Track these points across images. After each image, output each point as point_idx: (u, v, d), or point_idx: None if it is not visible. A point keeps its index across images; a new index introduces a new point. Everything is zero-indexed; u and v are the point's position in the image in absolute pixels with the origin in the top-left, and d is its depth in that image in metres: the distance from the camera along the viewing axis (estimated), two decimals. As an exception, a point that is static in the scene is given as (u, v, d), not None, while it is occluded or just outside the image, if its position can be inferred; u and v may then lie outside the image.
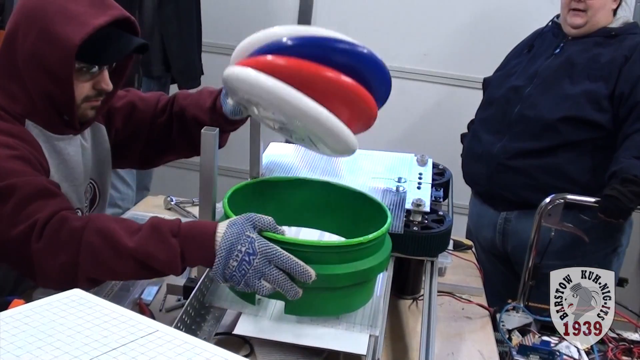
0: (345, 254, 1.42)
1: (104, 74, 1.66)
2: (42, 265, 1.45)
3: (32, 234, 1.44)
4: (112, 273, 1.45)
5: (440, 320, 1.84)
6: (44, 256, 1.44)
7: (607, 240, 2.57)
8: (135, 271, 1.42)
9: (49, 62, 1.57)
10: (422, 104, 3.82)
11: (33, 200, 1.47)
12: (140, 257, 1.39)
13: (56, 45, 1.56)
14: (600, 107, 2.47)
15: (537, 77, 2.60)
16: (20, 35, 1.60)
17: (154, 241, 1.40)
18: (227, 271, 1.36)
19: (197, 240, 1.40)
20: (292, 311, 1.44)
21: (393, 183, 1.93)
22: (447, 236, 1.83)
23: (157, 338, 0.91)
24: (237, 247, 1.36)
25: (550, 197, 2.07)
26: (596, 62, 2.51)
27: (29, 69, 1.60)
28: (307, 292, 1.39)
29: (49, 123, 1.66)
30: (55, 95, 1.61)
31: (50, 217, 1.45)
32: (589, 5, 2.54)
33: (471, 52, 3.69)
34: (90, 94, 1.66)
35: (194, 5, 3.18)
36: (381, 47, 3.79)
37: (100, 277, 1.47)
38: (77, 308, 0.97)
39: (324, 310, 1.46)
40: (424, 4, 3.72)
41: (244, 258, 1.35)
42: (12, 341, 0.87)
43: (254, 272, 1.35)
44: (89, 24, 1.57)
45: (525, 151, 2.56)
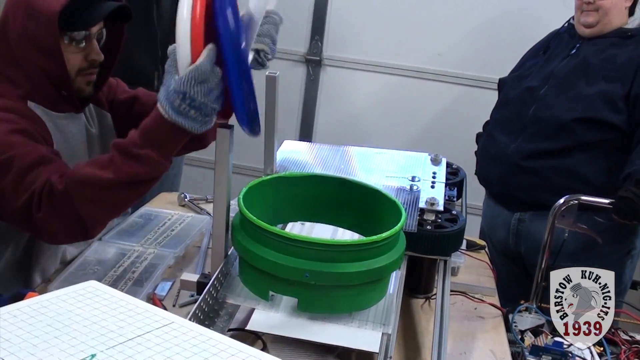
0: (358, 252, 1.42)
1: (92, 44, 1.73)
2: (49, 230, 1.54)
3: (32, 205, 1.52)
4: (114, 206, 1.56)
5: (452, 320, 1.84)
6: (48, 222, 1.53)
7: (621, 243, 2.56)
8: (132, 192, 1.53)
9: (37, 37, 1.65)
10: (436, 104, 3.82)
11: (30, 170, 1.54)
12: (124, 180, 1.48)
13: (40, 18, 1.63)
14: (615, 108, 2.46)
15: (552, 78, 2.60)
16: (10, 20, 1.68)
17: (127, 162, 1.48)
18: (183, 107, 1.41)
19: (153, 129, 1.47)
20: (305, 308, 1.45)
21: (407, 182, 1.93)
22: (461, 235, 1.82)
23: (172, 330, 0.92)
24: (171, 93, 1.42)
25: (564, 198, 2.07)
26: (612, 62, 2.50)
27: (21, 49, 1.67)
28: (321, 289, 1.40)
29: (49, 101, 1.73)
30: (49, 69, 1.68)
31: (43, 186, 1.52)
32: (600, 5, 2.54)
33: (486, 53, 3.69)
34: (83, 66, 1.73)
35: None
36: (396, 47, 3.85)
37: (105, 216, 1.58)
38: (93, 299, 0.98)
39: (336, 307, 1.46)
40: (439, 3, 3.71)
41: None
42: (29, 330, 0.88)
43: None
44: None
45: (539, 152, 2.55)
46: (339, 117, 3.96)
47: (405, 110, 3.85)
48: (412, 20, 3.75)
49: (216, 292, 1.54)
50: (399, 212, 1.56)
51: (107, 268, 1.84)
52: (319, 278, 1.39)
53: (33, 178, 1.53)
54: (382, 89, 3.87)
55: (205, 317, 1.49)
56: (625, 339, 1.90)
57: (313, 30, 3.88)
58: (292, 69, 3.73)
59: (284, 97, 2.98)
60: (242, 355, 0.88)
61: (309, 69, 3.92)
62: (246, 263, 1.49)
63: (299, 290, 1.42)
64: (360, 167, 1.97)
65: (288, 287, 1.42)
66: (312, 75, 3.93)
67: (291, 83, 3.87)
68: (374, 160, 2.05)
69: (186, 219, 2.18)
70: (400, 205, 1.59)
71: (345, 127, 3.94)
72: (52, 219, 1.52)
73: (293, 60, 3.87)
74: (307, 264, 1.39)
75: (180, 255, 1.98)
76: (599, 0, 2.54)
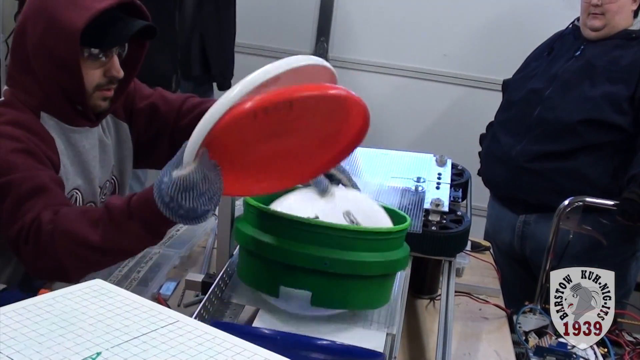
0: (376, 242, 1.39)
1: (113, 61, 1.67)
2: (32, 265, 1.52)
3: (20, 238, 1.48)
4: (98, 265, 1.52)
5: (457, 320, 1.84)
6: (34, 258, 1.49)
7: (626, 245, 2.56)
8: (114, 257, 1.51)
9: (56, 50, 1.59)
10: (442, 105, 3.83)
11: (28, 198, 1.50)
12: (109, 248, 1.44)
13: (61, 31, 1.58)
14: (620, 110, 2.46)
15: (557, 80, 2.60)
16: (29, 29, 1.63)
17: (115, 230, 1.42)
18: (172, 205, 1.31)
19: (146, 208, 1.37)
20: (319, 302, 1.40)
21: (412, 183, 1.94)
22: (465, 236, 1.83)
23: (177, 328, 0.92)
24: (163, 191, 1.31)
25: (569, 200, 2.07)
26: (616, 64, 2.50)
27: (38, 60, 1.62)
28: (336, 281, 1.37)
29: (63, 114, 1.67)
30: (66, 83, 1.63)
31: (32, 222, 1.48)
32: (607, 9, 2.54)
33: (491, 54, 3.69)
34: (102, 82, 1.66)
35: (232, 5, 3.17)
36: (401, 48, 3.85)
37: (85, 269, 1.52)
38: (99, 297, 0.98)
39: (350, 302, 1.42)
40: (444, 5, 3.72)
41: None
42: (35, 328, 0.88)
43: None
44: (91, 7, 1.58)
45: (544, 154, 2.55)
46: (344, 118, 3.95)
47: (411, 111, 3.85)
48: (417, 22, 3.76)
49: (221, 292, 1.54)
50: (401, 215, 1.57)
51: (112, 268, 1.85)
52: (338, 266, 1.35)
53: (28, 208, 1.49)
54: (388, 90, 3.87)
55: (210, 317, 1.49)
56: (629, 340, 1.90)
57: (319, 32, 3.89)
58: (297, 70, 3.73)
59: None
60: (247, 353, 0.88)
61: (314, 70, 3.92)
62: (252, 257, 1.44)
63: (314, 281, 1.37)
64: (366, 168, 1.97)
65: (302, 279, 1.37)
66: (317, 77, 3.93)
67: (297, 84, 3.87)
68: (379, 161, 2.06)
69: (191, 219, 2.18)
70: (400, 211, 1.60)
71: (350, 128, 3.93)
72: (36, 256, 1.48)
73: (299, 61, 3.88)
74: (326, 251, 1.34)
75: (185, 256, 1.99)
76: (607, 4, 2.54)
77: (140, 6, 1.68)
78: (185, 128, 1.88)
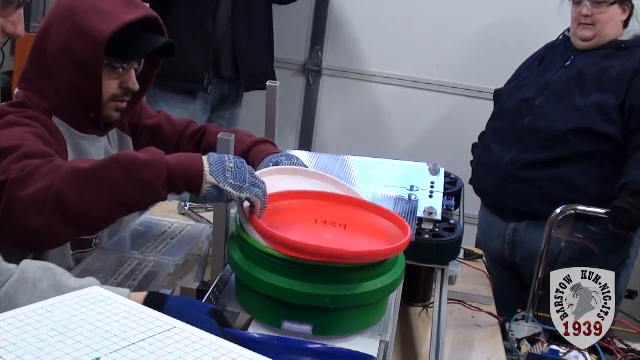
0: (374, 269, 1.38)
1: (130, 73, 1.72)
2: (11, 195, 1.42)
3: (14, 173, 1.43)
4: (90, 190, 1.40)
5: (449, 328, 1.86)
6: (19, 185, 1.42)
7: (616, 252, 2.58)
8: (118, 180, 1.39)
9: (80, 56, 1.63)
10: (435, 114, 3.85)
11: (30, 157, 1.48)
12: (123, 161, 1.40)
13: (87, 38, 1.62)
14: (609, 119, 2.48)
15: (547, 89, 2.62)
16: (52, 33, 1.66)
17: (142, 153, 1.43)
18: (228, 174, 1.39)
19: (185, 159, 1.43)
20: (320, 332, 1.38)
21: (405, 191, 1.95)
22: (458, 244, 1.84)
23: (174, 334, 0.93)
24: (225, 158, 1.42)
25: (560, 208, 2.09)
26: (606, 74, 2.53)
27: (59, 64, 1.66)
28: (338, 312, 1.36)
29: (75, 120, 1.70)
30: (84, 89, 1.67)
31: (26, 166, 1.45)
32: (597, 19, 2.57)
33: (483, 63, 3.72)
34: (117, 93, 1.71)
35: (265, 17, 3.39)
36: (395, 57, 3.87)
37: (75, 199, 1.40)
38: (97, 304, 0.99)
39: (351, 327, 1.41)
40: (437, 14, 3.74)
41: (236, 161, 1.41)
42: (34, 334, 0.90)
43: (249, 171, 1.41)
44: (119, 18, 1.63)
45: (534, 162, 2.58)
46: (338, 127, 3.98)
47: (404, 120, 3.87)
48: (410, 31, 3.78)
49: (216, 299, 1.55)
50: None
51: (107, 275, 1.85)
52: (338, 301, 1.34)
53: (28, 163, 1.46)
54: (381, 99, 3.89)
55: (205, 324, 1.50)
56: (620, 347, 1.92)
57: (313, 40, 3.91)
58: (291, 78, 3.77)
59: (284, 106, 3.01)
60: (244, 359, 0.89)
61: (308, 78, 3.95)
62: (250, 290, 1.42)
63: (315, 315, 1.36)
64: (359, 177, 1.98)
65: (303, 313, 1.35)
66: (311, 85, 3.95)
67: (291, 92, 3.89)
68: (372, 170, 2.07)
69: (186, 227, 2.19)
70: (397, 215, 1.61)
71: (344, 137, 3.96)
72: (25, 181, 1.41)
73: (293, 69, 3.90)
74: (326, 288, 1.33)
75: (180, 263, 1.99)
76: (597, 14, 2.56)
77: (161, 24, 1.74)
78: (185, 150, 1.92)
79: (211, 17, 3.18)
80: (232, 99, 3.44)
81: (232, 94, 3.42)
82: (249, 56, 3.31)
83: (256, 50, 3.34)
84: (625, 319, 1.99)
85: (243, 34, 3.27)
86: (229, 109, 3.45)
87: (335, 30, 3.89)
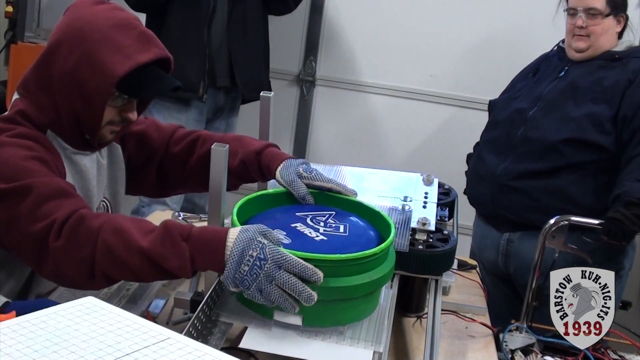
0: (362, 265, 1.46)
1: (132, 104, 1.72)
2: (60, 263, 1.48)
3: (51, 233, 1.47)
4: (126, 271, 1.47)
5: (443, 338, 1.86)
6: (62, 254, 1.47)
7: (610, 263, 2.57)
8: (148, 270, 1.45)
9: (87, 85, 1.62)
10: (428, 125, 3.85)
11: (49, 199, 1.50)
12: (152, 257, 1.42)
13: (97, 71, 1.61)
14: (603, 130, 2.49)
15: (541, 100, 2.63)
16: (61, 53, 1.64)
17: (165, 243, 1.42)
18: (238, 275, 1.38)
19: (208, 244, 1.42)
20: (310, 323, 1.46)
21: (399, 202, 1.95)
22: (452, 255, 1.84)
23: (168, 345, 0.93)
24: (248, 252, 1.38)
25: (554, 219, 2.09)
26: (600, 85, 2.53)
27: (63, 86, 1.64)
28: (325, 304, 1.43)
29: (69, 139, 1.70)
30: (84, 116, 1.66)
31: (68, 216, 1.48)
32: (591, 31, 2.58)
33: (477, 75, 3.73)
34: (115, 119, 1.71)
35: (261, 27, 3.43)
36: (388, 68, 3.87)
37: (115, 274, 1.49)
38: (91, 315, 0.99)
39: (338, 320, 1.49)
40: (431, 25, 3.75)
41: (255, 263, 1.38)
42: (29, 345, 0.90)
43: (265, 276, 1.37)
44: (133, 58, 1.62)
45: (528, 172, 2.58)
46: (332, 137, 3.98)
47: (398, 131, 3.88)
48: (404, 42, 3.79)
49: (209, 310, 1.55)
50: (386, 223, 1.61)
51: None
52: (327, 294, 1.41)
53: (52, 208, 1.49)
54: (375, 109, 3.90)
55: (199, 335, 1.50)
56: (614, 358, 1.92)
57: (307, 51, 3.92)
58: (286, 89, 3.77)
59: (278, 116, 3.02)
60: (237, 370, 0.90)
61: (302, 89, 3.95)
62: None
63: (305, 307, 1.42)
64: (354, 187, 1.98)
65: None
66: (305, 95, 3.96)
67: (285, 103, 3.90)
68: (367, 180, 2.08)
69: (180, 237, 2.19)
70: (386, 215, 1.64)
71: (338, 147, 3.97)
72: (68, 250, 1.46)
73: (287, 80, 3.91)
74: None
75: (174, 273, 1.99)
76: (592, 26, 2.57)
77: (171, 61, 1.74)
78: (174, 156, 1.92)
79: (207, 26, 3.20)
80: (227, 109, 3.44)
81: (228, 104, 3.43)
82: (245, 66, 3.33)
83: (252, 60, 3.37)
84: (619, 330, 1.99)
85: (239, 43, 3.30)
86: (224, 120, 3.45)
87: (329, 41, 3.90)
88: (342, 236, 1.58)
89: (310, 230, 1.57)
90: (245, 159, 1.82)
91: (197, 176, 1.90)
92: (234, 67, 3.29)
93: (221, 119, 3.44)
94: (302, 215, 1.64)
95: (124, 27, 1.65)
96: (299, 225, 1.59)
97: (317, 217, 1.65)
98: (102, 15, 1.65)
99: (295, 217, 1.63)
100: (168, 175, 1.95)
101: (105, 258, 1.45)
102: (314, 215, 1.65)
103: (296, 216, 1.64)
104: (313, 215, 1.65)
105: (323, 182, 1.71)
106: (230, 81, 3.33)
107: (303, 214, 1.65)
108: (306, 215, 1.65)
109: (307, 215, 1.65)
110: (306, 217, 1.64)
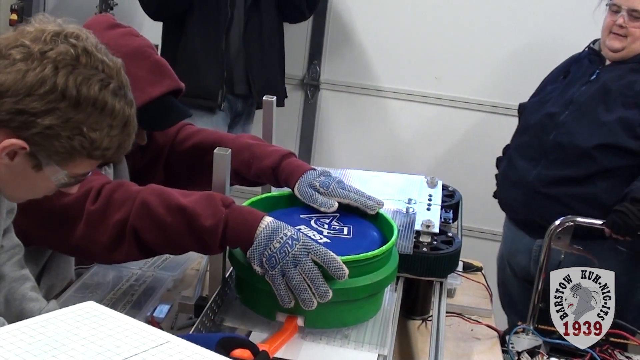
0: (363, 267, 1.47)
1: (143, 131, 1.74)
2: (93, 226, 1.51)
3: (88, 198, 1.50)
4: (158, 230, 1.50)
5: (448, 341, 1.85)
6: (98, 216, 1.50)
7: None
8: (180, 228, 1.48)
9: None
10: (433, 127, 3.84)
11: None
12: (188, 213, 1.46)
13: None
14: (635, 135, 2.45)
15: (572, 104, 2.59)
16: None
17: (205, 204, 1.47)
18: (267, 252, 1.40)
19: (245, 217, 1.46)
20: (312, 324, 1.47)
21: (403, 204, 1.95)
22: (456, 257, 1.84)
23: (168, 349, 0.93)
24: (283, 230, 1.42)
25: (559, 220, 2.07)
26: (631, 89, 2.49)
27: None
28: (326, 306, 1.43)
29: None
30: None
31: (105, 183, 1.52)
32: (631, 32, 2.52)
33: (483, 76, 3.71)
34: None
35: (277, 35, 3.46)
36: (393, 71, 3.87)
37: (146, 233, 1.51)
38: (91, 319, 0.99)
39: (341, 321, 1.50)
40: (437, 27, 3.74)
41: (287, 241, 1.41)
42: (28, 349, 0.89)
43: (292, 257, 1.39)
44: (146, 92, 1.65)
45: (561, 179, 2.54)
46: (337, 141, 3.98)
47: (402, 133, 3.87)
48: (409, 45, 3.78)
49: (214, 314, 1.55)
50: (389, 224, 1.61)
51: (106, 291, 1.86)
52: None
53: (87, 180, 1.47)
54: (380, 113, 3.89)
55: (203, 339, 1.50)
56: (620, 359, 1.91)
57: (311, 55, 3.92)
58: (290, 93, 3.76)
59: (283, 121, 3.01)
60: (238, 374, 0.89)
61: (307, 93, 3.95)
62: (250, 285, 1.52)
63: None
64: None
65: (296, 306, 1.43)
66: (310, 100, 3.96)
67: (290, 107, 3.90)
68: (371, 183, 2.08)
69: (185, 242, 2.19)
70: (388, 216, 1.65)
71: (343, 151, 3.96)
72: (103, 212, 1.49)
73: (291, 84, 3.91)
74: None
75: (178, 279, 1.99)
76: (632, 27, 2.52)
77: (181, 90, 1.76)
78: (180, 154, 1.91)
79: (224, 34, 3.23)
80: (245, 116, 3.45)
81: (245, 111, 3.43)
82: (261, 73, 3.35)
83: (268, 67, 3.39)
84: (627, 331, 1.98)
85: (255, 51, 3.32)
86: (241, 127, 3.45)
87: (334, 45, 3.90)
88: (345, 238, 1.58)
89: (314, 232, 1.58)
90: (262, 174, 1.82)
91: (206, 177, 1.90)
92: (249, 74, 3.32)
93: (238, 126, 3.45)
94: (306, 218, 1.65)
95: (136, 57, 1.66)
96: (303, 227, 1.59)
97: (321, 219, 1.65)
98: (114, 44, 1.64)
99: (299, 219, 1.64)
100: (178, 175, 1.95)
101: (141, 216, 1.49)
102: (318, 218, 1.65)
103: (300, 218, 1.64)
104: (317, 218, 1.65)
105: (341, 197, 1.68)
106: (247, 88, 3.35)
107: (307, 216, 1.66)
108: (310, 217, 1.65)
109: (311, 218, 1.65)
110: (310, 219, 1.65)
